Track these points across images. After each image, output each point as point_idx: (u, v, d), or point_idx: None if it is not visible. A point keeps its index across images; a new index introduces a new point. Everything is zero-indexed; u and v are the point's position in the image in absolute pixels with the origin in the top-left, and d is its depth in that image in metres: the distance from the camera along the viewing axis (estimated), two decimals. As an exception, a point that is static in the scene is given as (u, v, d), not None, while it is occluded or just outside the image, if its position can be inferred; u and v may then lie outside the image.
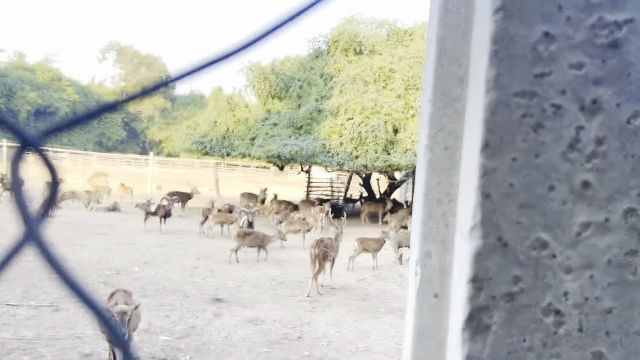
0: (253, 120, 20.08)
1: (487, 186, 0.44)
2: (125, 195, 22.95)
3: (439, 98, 0.61)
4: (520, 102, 0.45)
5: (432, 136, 0.62)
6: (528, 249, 0.45)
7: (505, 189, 0.45)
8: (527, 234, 0.45)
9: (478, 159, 0.45)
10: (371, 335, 6.40)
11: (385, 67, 20.02)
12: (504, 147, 0.45)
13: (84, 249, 10.73)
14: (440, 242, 0.60)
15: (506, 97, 0.44)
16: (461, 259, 0.47)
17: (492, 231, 0.45)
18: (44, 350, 5.24)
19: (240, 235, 10.52)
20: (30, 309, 6.51)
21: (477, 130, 0.46)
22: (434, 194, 0.60)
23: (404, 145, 18.00)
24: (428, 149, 0.62)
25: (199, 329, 6.20)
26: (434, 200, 0.60)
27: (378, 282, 9.38)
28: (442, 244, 0.60)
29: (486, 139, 0.44)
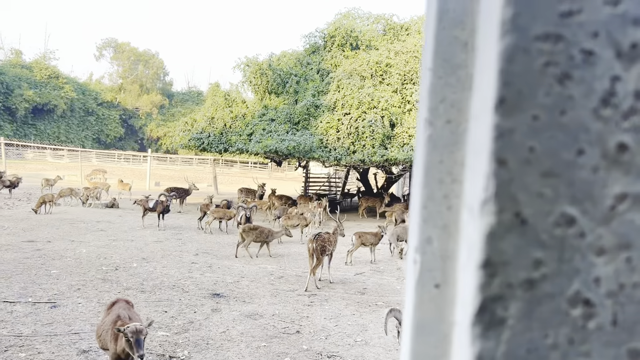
0: (250, 116, 20.00)
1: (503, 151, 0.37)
2: (123, 192, 22.88)
3: (440, 65, 0.54)
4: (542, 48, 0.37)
5: (432, 109, 0.54)
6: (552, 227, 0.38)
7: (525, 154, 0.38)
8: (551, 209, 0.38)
9: (491, 118, 0.38)
10: (369, 328, 6.35)
11: (382, 62, 19.94)
12: (523, 103, 0.38)
13: (82, 246, 10.67)
14: (442, 227, 0.53)
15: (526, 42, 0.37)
16: (470, 240, 0.40)
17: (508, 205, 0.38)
18: (41, 347, 5.19)
19: (245, 231, 10.49)
20: (28, 306, 6.45)
21: (490, 83, 0.39)
22: (435, 173, 0.53)
23: (401, 140, 17.94)
24: (428, 123, 0.54)
25: (198, 324, 6.15)
26: (435, 180, 0.53)
27: (376, 276, 9.33)
28: (444, 229, 0.53)
29: (501, 94, 0.37)
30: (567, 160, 0.37)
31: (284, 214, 14.74)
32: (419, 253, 0.53)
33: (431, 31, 0.55)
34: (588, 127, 0.37)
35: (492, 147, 0.37)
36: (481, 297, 0.38)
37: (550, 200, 0.37)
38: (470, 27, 0.53)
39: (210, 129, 20.11)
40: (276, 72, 20.92)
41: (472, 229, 0.40)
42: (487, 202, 0.38)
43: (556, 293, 0.37)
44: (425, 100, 0.55)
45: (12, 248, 9.95)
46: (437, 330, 0.53)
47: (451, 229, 0.52)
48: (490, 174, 0.37)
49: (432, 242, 0.53)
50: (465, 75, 0.54)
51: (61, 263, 8.94)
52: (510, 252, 0.37)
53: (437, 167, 0.53)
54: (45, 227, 12.80)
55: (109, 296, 7.06)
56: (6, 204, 17.27)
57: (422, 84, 0.58)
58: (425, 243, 0.53)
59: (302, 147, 17.54)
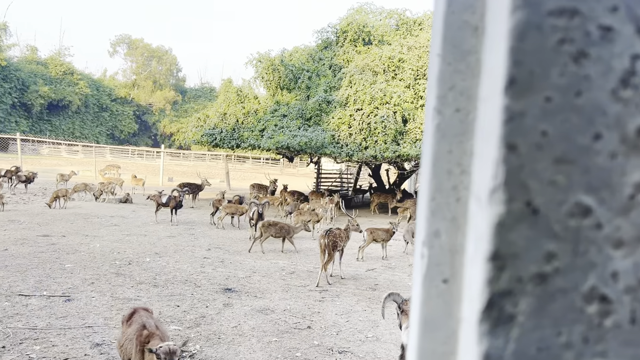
0: (262, 112, 20.02)
1: (513, 135, 0.35)
2: (137, 187, 23.06)
3: (449, 51, 0.52)
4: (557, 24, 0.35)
5: (441, 97, 0.52)
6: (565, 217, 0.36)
7: (537, 139, 0.35)
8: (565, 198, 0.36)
9: (501, 100, 0.36)
10: (381, 324, 6.33)
11: (395, 57, 19.81)
12: (535, 83, 0.35)
13: (96, 240, 10.77)
14: (451, 220, 0.50)
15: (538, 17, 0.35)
16: (477, 232, 0.38)
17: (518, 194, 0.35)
18: (55, 340, 5.25)
19: (265, 226, 10.53)
20: (43, 299, 6.53)
21: (500, 62, 0.36)
22: (444, 164, 0.51)
23: (414, 136, 17.84)
24: (436, 112, 0.52)
25: (209, 319, 6.18)
26: (444, 171, 0.51)
27: (387, 272, 9.30)
28: (453, 221, 0.50)
29: (512, 74, 0.35)
30: (583, 145, 0.34)
31: (296, 209, 14.74)
32: (427, 247, 0.51)
33: (440, 15, 0.53)
34: (606, 110, 0.34)
35: (501, 131, 0.35)
36: (489, 292, 0.35)
37: (564, 188, 0.34)
38: (481, 10, 0.51)
39: (223, 125, 20.18)
40: (288, 68, 20.90)
41: (480, 219, 0.37)
42: (496, 191, 0.35)
43: (570, 288, 0.35)
44: (434, 88, 0.53)
45: (27, 242, 10.09)
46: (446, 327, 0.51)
47: (460, 221, 0.50)
48: (499, 160, 0.35)
49: (440, 236, 0.50)
50: (475, 61, 0.51)
51: (75, 257, 9.04)
52: (520, 244, 0.34)
53: (446, 158, 0.50)
54: (59, 222, 12.95)
55: (122, 290, 7.13)
56: (22, 199, 17.50)
57: (430, 71, 0.56)
58: (433, 236, 0.51)
59: (314, 143, 17.51)
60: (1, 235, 10.65)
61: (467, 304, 0.39)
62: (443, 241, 0.51)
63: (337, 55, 21.91)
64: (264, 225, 10.60)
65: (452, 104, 0.51)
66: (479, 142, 0.40)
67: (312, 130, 18.20)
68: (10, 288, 6.90)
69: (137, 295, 6.96)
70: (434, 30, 0.56)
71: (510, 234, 0.35)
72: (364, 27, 22.05)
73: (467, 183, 0.49)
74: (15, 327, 5.53)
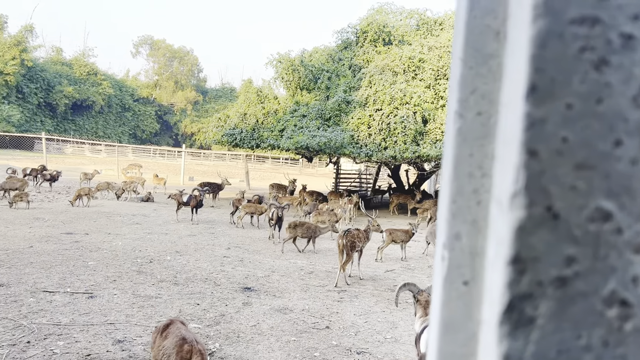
0: (282, 112, 20.11)
1: (534, 141, 0.36)
2: (158, 186, 23.37)
3: (471, 55, 0.52)
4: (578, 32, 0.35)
5: (462, 100, 0.53)
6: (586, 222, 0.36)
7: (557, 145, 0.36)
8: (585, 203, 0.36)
9: (522, 107, 0.36)
10: (399, 326, 6.31)
11: (415, 58, 19.71)
12: (556, 90, 0.36)
13: (118, 238, 10.95)
14: (472, 223, 0.51)
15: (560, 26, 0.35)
16: (498, 235, 0.39)
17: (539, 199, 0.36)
18: (78, 336, 5.35)
19: (292, 226, 10.60)
20: (66, 296, 6.66)
21: (521, 70, 0.37)
22: (465, 167, 0.51)
23: (434, 136, 17.72)
24: (458, 115, 0.52)
25: (229, 317, 6.23)
26: (465, 174, 0.51)
27: (406, 273, 9.25)
28: (474, 224, 0.51)
29: (533, 81, 0.35)
30: (603, 151, 0.34)
31: (315, 209, 14.77)
32: (447, 249, 0.52)
33: (462, 20, 0.54)
34: (626, 117, 0.35)
35: (522, 137, 0.35)
36: (509, 295, 0.36)
37: (585, 193, 0.35)
38: (503, 15, 0.51)
39: (243, 125, 20.33)
40: (308, 68, 20.96)
41: (500, 223, 0.38)
42: (516, 195, 0.36)
43: (590, 292, 0.35)
44: (455, 92, 0.54)
45: (51, 240, 10.30)
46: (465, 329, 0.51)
47: (481, 224, 0.50)
48: (520, 165, 0.36)
49: (461, 238, 0.51)
50: (497, 65, 0.52)
51: (98, 255, 9.21)
52: (540, 248, 0.35)
53: (467, 161, 0.51)
54: (83, 220, 13.20)
55: (144, 288, 7.23)
56: (46, 197, 17.88)
57: (452, 74, 0.56)
58: (453, 239, 0.51)
59: (333, 143, 17.53)
60: (26, 232, 10.90)
61: (488, 306, 0.40)
62: (464, 244, 0.51)
63: (356, 55, 21.88)
64: (291, 225, 10.68)
65: (473, 108, 0.52)
66: (500, 147, 0.41)
67: (332, 130, 18.21)
68: (35, 284, 7.06)
69: (157, 293, 7.05)
70: (455, 34, 0.56)
71: (530, 238, 0.36)
72: (384, 27, 21.99)
73: (488, 186, 0.50)
74: (39, 322, 5.65)
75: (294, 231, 10.53)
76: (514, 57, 0.39)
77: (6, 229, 11.08)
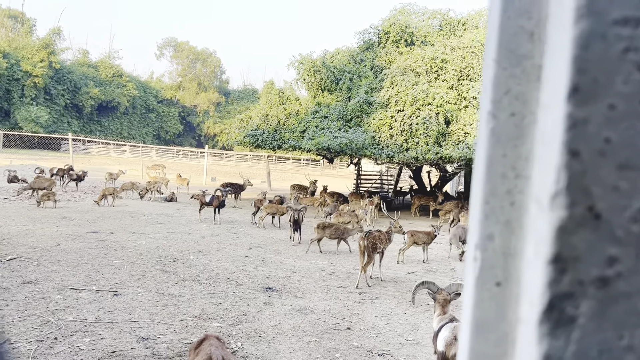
0: (303, 113, 20.17)
1: (576, 142, 0.36)
2: (181, 186, 23.65)
3: (505, 56, 0.52)
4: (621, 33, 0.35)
5: (496, 101, 0.53)
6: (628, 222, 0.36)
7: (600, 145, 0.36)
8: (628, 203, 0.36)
9: (564, 108, 0.36)
10: (421, 328, 6.27)
11: (438, 58, 19.56)
12: (598, 91, 0.36)
13: (142, 237, 11.12)
14: (505, 223, 0.51)
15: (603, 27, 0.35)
16: (538, 235, 0.39)
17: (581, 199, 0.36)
18: (103, 333, 5.45)
19: (320, 227, 10.66)
20: (92, 294, 6.80)
21: (563, 71, 0.37)
22: (498, 167, 0.52)
23: (456, 137, 17.55)
24: (491, 116, 0.53)
25: (250, 317, 6.27)
26: (498, 175, 0.52)
27: (428, 276, 9.18)
28: (507, 225, 0.51)
29: (575, 82, 0.35)
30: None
31: (336, 211, 14.77)
32: (480, 250, 0.52)
33: (495, 21, 0.54)
34: (671, 117, 0.34)
35: (564, 138, 0.36)
36: (550, 294, 0.36)
37: (627, 194, 0.35)
38: (537, 16, 0.52)
39: (265, 126, 20.45)
40: (329, 69, 20.98)
41: (540, 223, 0.38)
42: (558, 195, 0.36)
43: (633, 292, 0.35)
44: (489, 92, 0.54)
45: (78, 238, 10.52)
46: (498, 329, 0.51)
47: (514, 225, 0.50)
48: (561, 166, 0.36)
49: (494, 239, 0.51)
50: (531, 66, 0.52)
51: (122, 254, 9.37)
52: (582, 248, 0.35)
53: (500, 162, 0.51)
54: (108, 219, 13.45)
55: (167, 287, 7.33)
56: (73, 197, 18.27)
57: (485, 75, 0.57)
58: (486, 240, 0.52)
59: (355, 144, 17.50)
60: (54, 231, 11.16)
61: (526, 306, 0.40)
62: (496, 244, 0.51)
63: (378, 56, 21.82)
64: (319, 226, 10.72)
65: (507, 108, 0.52)
66: (539, 147, 0.41)
67: (353, 131, 18.19)
68: (62, 282, 7.22)
69: (181, 292, 7.14)
70: (488, 35, 0.57)
71: (572, 238, 0.36)
72: (406, 28, 21.88)
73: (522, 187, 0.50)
74: (66, 319, 5.77)
75: (322, 232, 10.56)
76: (555, 58, 0.40)
77: (34, 227, 11.36)
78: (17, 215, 13.05)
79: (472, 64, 19.16)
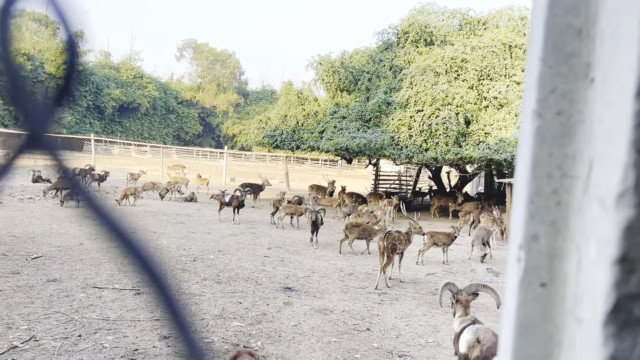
0: (322, 114, 20.19)
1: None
2: (201, 187, 23.87)
3: (551, 54, 0.52)
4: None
5: (541, 99, 0.53)
6: (699, 221, 0.35)
7: (670, 143, 0.35)
8: (699, 202, 0.35)
9: (631, 105, 0.36)
10: (441, 330, 6.22)
11: (457, 58, 19.40)
12: (669, 87, 0.35)
13: (163, 237, 11.26)
14: (550, 224, 0.51)
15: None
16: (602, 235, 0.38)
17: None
18: (126, 331, 5.53)
19: (349, 227, 10.70)
20: (115, 292, 6.90)
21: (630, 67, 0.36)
22: (544, 167, 0.51)
23: (477, 138, 17.38)
24: (537, 115, 0.52)
25: (270, 317, 6.30)
26: (544, 174, 0.51)
27: (448, 277, 9.11)
28: (553, 225, 0.51)
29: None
30: None
31: (354, 211, 14.75)
32: (524, 250, 0.52)
33: (541, 18, 0.53)
34: None
35: (631, 136, 0.35)
36: (616, 295, 0.35)
37: (699, 192, 0.34)
38: (585, 13, 0.51)
39: (283, 127, 20.53)
40: (348, 70, 20.96)
41: (604, 223, 0.37)
42: (624, 195, 0.35)
43: (703, 294, 0.34)
44: (533, 91, 0.54)
45: (100, 237, 10.69)
46: (542, 331, 0.51)
47: (560, 225, 0.50)
48: (629, 164, 0.35)
49: (539, 239, 0.51)
50: (578, 64, 0.52)
51: (144, 252, 9.48)
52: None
53: (546, 161, 0.51)
54: (129, 219, 13.63)
55: (188, 286, 7.41)
56: (95, 196, 18.55)
57: (528, 73, 0.56)
58: (531, 240, 0.51)
59: (373, 145, 17.46)
60: (77, 230, 11.35)
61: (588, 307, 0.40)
62: (542, 245, 0.51)
63: (397, 56, 21.73)
64: (348, 226, 10.77)
65: (553, 107, 0.52)
66: (601, 146, 0.40)
67: (372, 131, 18.14)
68: (85, 280, 7.34)
69: (201, 291, 7.21)
70: (533, 33, 0.56)
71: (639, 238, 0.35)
72: (426, 28, 21.75)
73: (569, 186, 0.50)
74: (90, 317, 5.87)
75: (351, 232, 10.58)
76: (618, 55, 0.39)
77: (58, 227, 11.58)
78: (41, 214, 13.31)
79: (493, 64, 18.96)
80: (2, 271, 7.47)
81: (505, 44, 19.21)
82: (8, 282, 6.93)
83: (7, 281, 6.99)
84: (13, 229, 10.85)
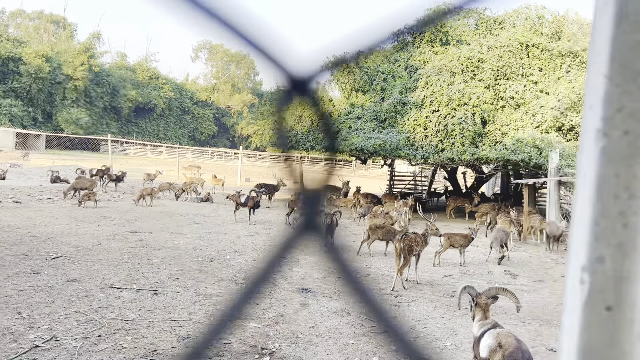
0: (337, 114, 20.16)
1: None
2: (217, 187, 24.01)
3: (618, 72, 0.51)
4: None
5: (607, 118, 0.51)
6: None
7: None
8: None
9: None
10: (459, 332, 6.16)
11: (474, 57, 19.25)
12: None
13: (180, 237, 11.34)
14: (617, 246, 0.50)
15: None
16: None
17: None
18: (145, 332, 5.56)
19: (372, 229, 10.71)
20: (133, 292, 6.95)
21: None
22: (610, 188, 0.50)
23: (493, 138, 17.21)
24: (602, 134, 0.51)
25: (287, 318, 6.30)
26: (610, 195, 0.50)
27: (465, 279, 9.03)
28: (619, 247, 0.50)
29: None
30: None
31: (369, 212, 14.71)
32: (588, 272, 0.51)
33: (607, 35, 0.52)
34: None
35: None
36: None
37: None
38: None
39: (298, 127, 20.55)
40: (363, 70, 20.91)
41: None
42: None
43: None
44: (598, 109, 0.52)
45: (118, 238, 10.80)
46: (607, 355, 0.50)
47: (627, 247, 0.49)
48: None
49: (605, 262, 0.50)
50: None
51: (161, 253, 9.56)
52: None
53: (612, 182, 0.50)
54: (146, 219, 13.76)
55: (205, 286, 7.44)
56: (112, 197, 18.78)
57: (591, 91, 0.55)
58: (595, 262, 0.50)
59: (388, 145, 17.39)
60: (95, 230, 11.49)
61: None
62: (607, 267, 0.50)
63: (413, 56, 21.62)
64: (370, 228, 10.77)
65: (620, 126, 0.51)
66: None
67: (387, 132, 18.08)
68: (104, 280, 7.41)
69: (218, 291, 7.24)
70: (597, 50, 0.54)
71: None
72: (441, 27, 21.61)
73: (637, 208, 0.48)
74: (109, 317, 5.92)
75: (374, 233, 10.57)
76: None
77: (77, 227, 11.73)
78: (60, 214, 13.50)
79: (510, 63, 18.77)
80: (23, 271, 7.58)
81: (522, 43, 19.01)
82: (29, 282, 7.03)
83: (28, 281, 7.09)
84: (33, 229, 11.01)
